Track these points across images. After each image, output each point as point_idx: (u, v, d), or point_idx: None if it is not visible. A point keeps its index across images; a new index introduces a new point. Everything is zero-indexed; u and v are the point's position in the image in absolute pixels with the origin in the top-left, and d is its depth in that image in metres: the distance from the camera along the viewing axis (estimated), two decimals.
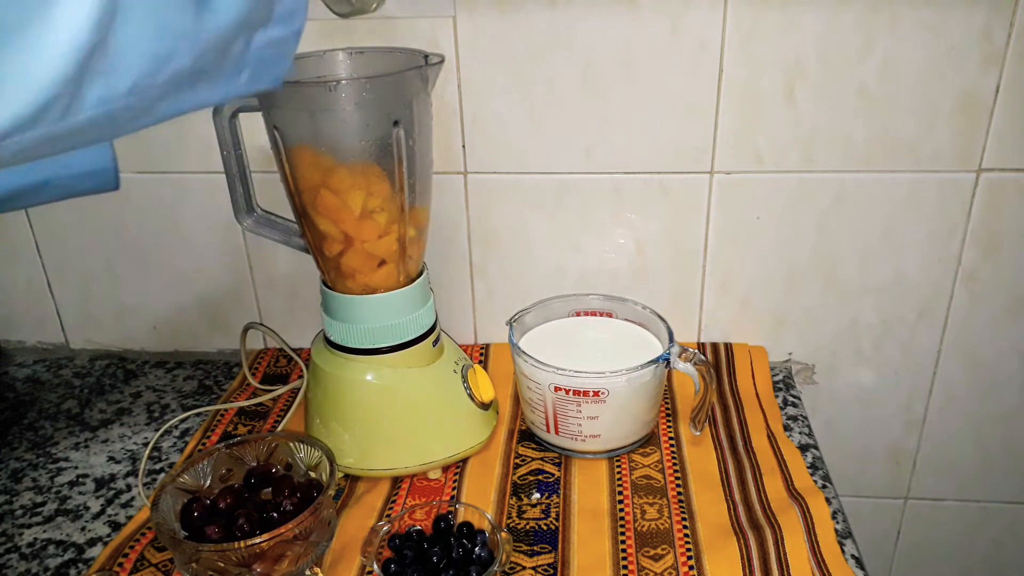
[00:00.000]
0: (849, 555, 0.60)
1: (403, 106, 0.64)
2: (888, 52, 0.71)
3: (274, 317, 0.89)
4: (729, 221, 0.79)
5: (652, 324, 0.74)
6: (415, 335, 0.70)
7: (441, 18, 0.72)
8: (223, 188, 0.74)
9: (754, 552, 0.60)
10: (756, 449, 0.71)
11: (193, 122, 0.78)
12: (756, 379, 0.81)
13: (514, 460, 0.71)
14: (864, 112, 0.73)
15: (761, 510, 0.64)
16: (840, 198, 0.77)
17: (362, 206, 0.65)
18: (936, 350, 0.84)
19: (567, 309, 0.78)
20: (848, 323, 0.83)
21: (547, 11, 0.71)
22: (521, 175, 0.79)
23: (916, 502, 0.93)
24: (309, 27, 0.74)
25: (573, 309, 0.78)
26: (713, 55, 0.72)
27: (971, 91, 0.72)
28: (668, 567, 0.59)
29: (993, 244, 0.78)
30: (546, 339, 0.75)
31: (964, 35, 0.69)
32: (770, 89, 0.73)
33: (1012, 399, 0.86)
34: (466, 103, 0.76)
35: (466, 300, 0.86)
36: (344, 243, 0.67)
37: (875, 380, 0.86)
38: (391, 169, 0.65)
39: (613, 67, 0.73)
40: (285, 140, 0.65)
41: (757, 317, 0.84)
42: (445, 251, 0.83)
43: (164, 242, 0.85)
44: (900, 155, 0.75)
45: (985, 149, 0.74)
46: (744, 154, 0.76)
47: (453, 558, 0.58)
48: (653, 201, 0.79)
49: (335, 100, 0.62)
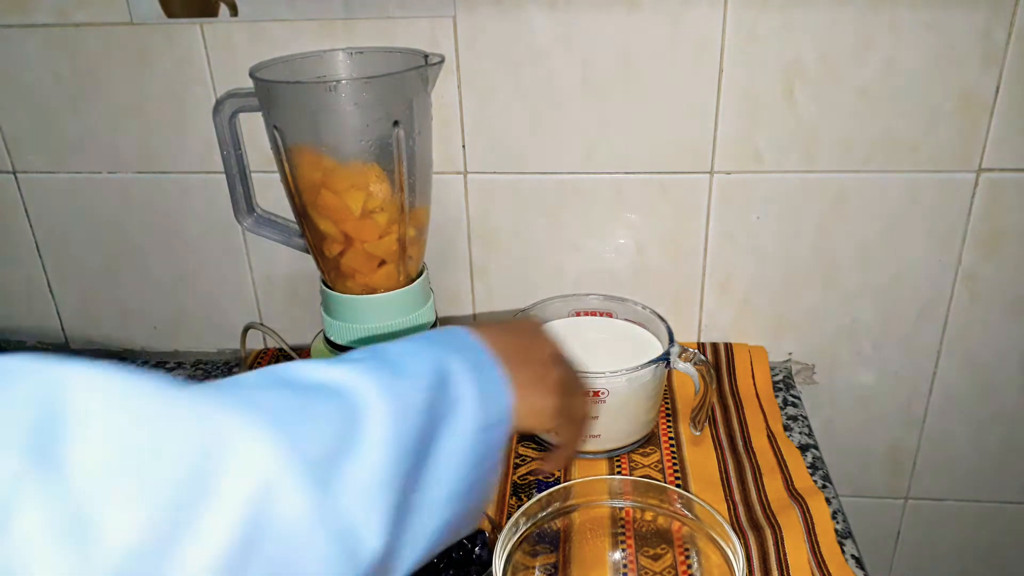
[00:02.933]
0: (849, 555, 0.60)
1: (403, 106, 0.64)
2: (888, 52, 0.71)
3: (274, 317, 0.89)
4: (729, 221, 0.79)
5: (652, 324, 0.74)
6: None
7: (441, 18, 0.72)
8: (223, 188, 0.74)
9: (754, 552, 0.60)
10: (756, 449, 0.71)
11: (193, 122, 0.78)
12: (756, 379, 0.81)
13: (514, 460, 0.71)
14: (864, 112, 0.73)
15: (761, 510, 0.64)
16: (840, 198, 0.77)
17: (362, 206, 0.65)
18: (936, 350, 0.84)
19: (567, 309, 0.78)
20: (848, 323, 0.83)
21: (547, 11, 0.71)
22: (521, 175, 0.79)
23: (916, 502, 0.93)
24: (309, 27, 0.75)
25: (573, 309, 0.78)
26: (713, 55, 0.72)
27: (971, 91, 0.71)
28: (667, 566, 0.59)
29: (993, 244, 0.78)
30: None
31: (964, 35, 0.69)
32: (770, 89, 0.73)
33: (1012, 399, 0.86)
34: (466, 103, 0.76)
35: (466, 300, 0.86)
36: (344, 243, 0.67)
37: (875, 380, 0.86)
38: (391, 169, 0.65)
39: (613, 67, 0.73)
40: (285, 140, 0.65)
41: (757, 317, 0.84)
42: (445, 251, 0.83)
43: (164, 242, 0.85)
44: (900, 155, 0.75)
45: (985, 149, 0.74)
46: (744, 154, 0.76)
47: (453, 558, 0.58)
48: (653, 201, 0.79)
49: (335, 100, 0.62)
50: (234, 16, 0.73)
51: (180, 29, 0.74)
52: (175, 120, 0.79)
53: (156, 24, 0.74)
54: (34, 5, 0.74)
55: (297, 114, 0.64)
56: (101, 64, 0.76)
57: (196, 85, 0.77)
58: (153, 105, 0.78)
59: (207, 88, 0.77)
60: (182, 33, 0.74)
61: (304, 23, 0.73)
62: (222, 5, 0.72)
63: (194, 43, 0.75)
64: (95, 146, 0.81)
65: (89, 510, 0.25)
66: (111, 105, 0.78)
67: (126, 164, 0.81)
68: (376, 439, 0.34)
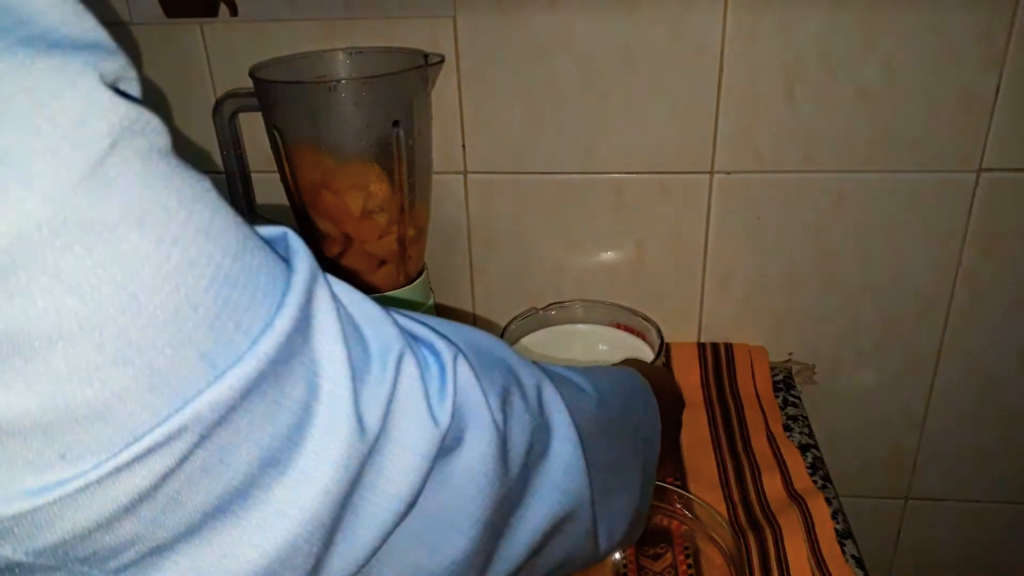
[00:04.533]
0: (849, 555, 0.60)
1: (403, 106, 0.64)
2: (888, 52, 0.71)
3: None
4: (729, 221, 0.79)
5: (641, 327, 0.74)
6: None
7: (441, 18, 0.72)
8: (223, 188, 0.74)
9: (754, 552, 0.60)
10: (756, 449, 0.71)
11: (193, 122, 0.78)
12: (756, 379, 0.81)
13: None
14: (864, 112, 0.73)
15: (761, 510, 0.64)
16: (840, 198, 0.77)
17: (362, 206, 0.65)
18: (936, 350, 0.84)
19: (557, 319, 0.78)
20: (848, 323, 0.83)
21: (547, 11, 0.71)
22: (521, 175, 0.79)
23: (916, 502, 0.93)
24: (309, 27, 0.75)
25: (561, 318, 0.78)
26: (713, 55, 0.72)
27: (971, 91, 0.71)
28: (667, 566, 0.59)
29: (993, 244, 0.78)
30: (538, 350, 0.75)
31: (964, 35, 0.69)
32: (770, 89, 0.73)
33: (1012, 399, 0.86)
34: (466, 103, 0.76)
35: (466, 300, 0.86)
36: (344, 243, 0.67)
37: (875, 380, 0.86)
38: (391, 169, 0.65)
39: (613, 67, 0.73)
40: (285, 140, 0.65)
41: (757, 317, 0.84)
42: (445, 251, 0.83)
43: None
44: (900, 155, 0.75)
45: (985, 149, 0.74)
46: (744, 154, 0.76)
47: None
48: (653, 201, 0.79)
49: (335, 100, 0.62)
50: (234, 16, 0.73)
51: (180, 29, 0.74)
52: (175, 120, 0.79)
53: (156, 24, 0.74)
54: None
55: (297, 114, 0.64)
56: None
57: (196, 85, 0.77)
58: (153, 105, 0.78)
59: (207, 88, 0.77)
60: (182, 33, 0.74)
61: (304, 23, 0.73)
62: (222, 5, 0.72)
63: (194, 43, 0.75)
64: None
65: None
66: None
67: None
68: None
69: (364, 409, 0.26)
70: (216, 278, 0.22)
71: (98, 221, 0.20)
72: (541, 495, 0.36)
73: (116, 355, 0.20)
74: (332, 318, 0.26)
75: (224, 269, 0.23)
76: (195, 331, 0.22)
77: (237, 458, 0.23)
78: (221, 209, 0.24)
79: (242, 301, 0.23)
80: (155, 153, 0.22)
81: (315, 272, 0.26)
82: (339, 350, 0.26)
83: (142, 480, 0.21)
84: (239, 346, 0.23)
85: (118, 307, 0.20)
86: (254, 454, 0.23)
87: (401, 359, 0.28)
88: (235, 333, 0.23)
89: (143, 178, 0.21)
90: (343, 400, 0.25)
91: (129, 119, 0.21)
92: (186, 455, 0.22)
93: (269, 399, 0.24)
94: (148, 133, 0.22)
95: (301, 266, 0.26)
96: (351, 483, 0.26)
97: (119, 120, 0.21)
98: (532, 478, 0.36)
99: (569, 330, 0.78)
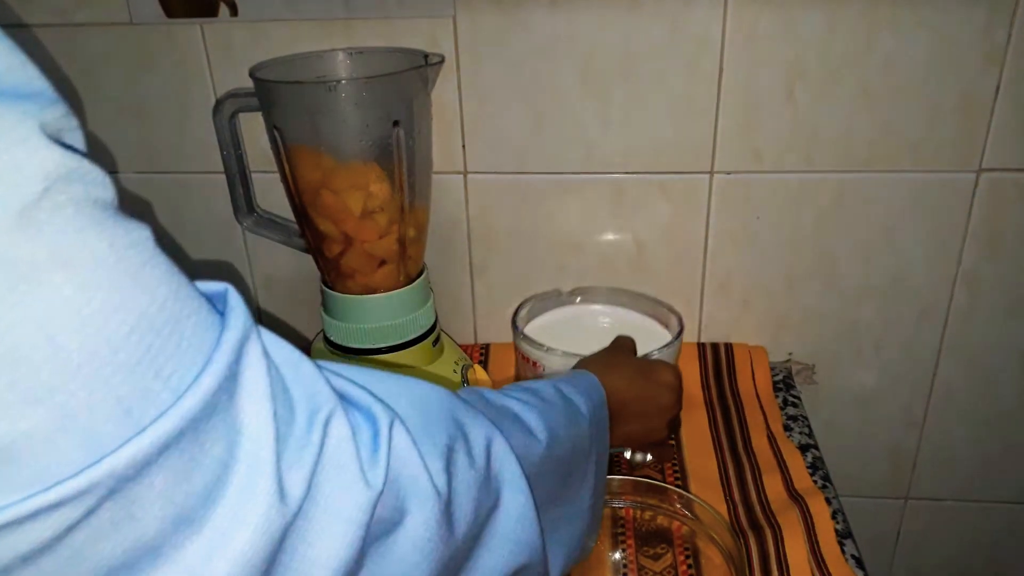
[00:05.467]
0: (849, 555, 0.60)
1: (403, 106, 0.64)
2: (888, 52, 0.70)
3: (274, 317, 0.89)
4: (729, 221, 0.79)
5: (662, 315, 0.75)
6: (415, 335, 0.70)
7: (441, 18, 0.72)
8: (223, 188, 0.74)
9: (754, 552, 0.60)
10: (756, 449, 0.71)
11: (193, 122, 0.78)
12: (756, 379, 0.81)
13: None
14: (864, 112, 0.73)
15: (761, 510, 0.64)
16: (840, 198, 0.77)
17: (362, 206, 0.65)
18: (936, 350, 0.84)
19: (572, 299, 0.79)
20: (848, 323, 0.83)
21: (547, 11, 0.71)
22: (521, 175, 0.79)
23: (916, 502, 0.93)
24: (309, 27, 0.75)
25: (578, 299, 0.79)
26: (713, 55, 0.72)
27: (971, 91, 0.71)
28: (667, 566, 0.59)
29: (993, 244, 0.78)
30: (550, 329, 0.75)
31: (964, 35, 0.69)
32: (770, 89, 0.73)
33: (1012, 399, 0.86)
34: (466, 103, 0.76)
35: (466, 300, 0.86)
36: (344, 243, 0.67)
37: (875, 380, 0.86)
38: (391, 169, 0.65)
39: (613, 67, 0.73)
40: (285, 140, 0.65)
41: (757, 317, 0.84)
42: (445, 251, 0.82)
43: (164, 242, 0.85)
44: (900, 155, 0.75)
45: (985, 149, 0.74)
46: (744, 154, 0.76)
47: None
48: (653, 201, 0.79)
49: (335, 100, 0.62)
50: (234, 16, 0.73)
51: (180, 29, 0.74)
52: (175, 120, 0.79)
53: (156, 24, 0.74)
54: (34, 5, 0.74)
55: (297, 114, 0.64)
56: (101, 64, 0.76)
57: (196, 85, 0.77)
58: (153, 105, 0.78)
59: (207, 88, 0.77)
60: (182, 33, 0.74)
61: (304, 23, 0.73)
62: (222, 5, 0.72)
63: (194, 43, 0.75)
64: (95, 146, 0.81)
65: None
66: (111, 105, 0.78)
67: (126, 164, 0.81)
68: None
69: (287, 472, 0.26)
70: (139, 325, 0.22)
71: (23, 260, 0.20)
72: (492, 547, 0.36)
73: (27, 394, 0.20)
74: (261, 377, 0.26)
75: (149, 317, 0.23)
76: (113, 376, 0.22)
77: (149, 514, 0.23)
78: (155, 258, 0.24)
79: (165, 350, 0.23)
80: (90, 202, 0.22)
81: (248, 330, 0.26)
82: (265, 411, 0.25)
83: (45, 530, 0.21)
84: (159, 397, 0.23)
85: (32, 345, 0.20)
86: (167, 511, 0.23)
87: (329, 421, 0.28)
88: (154, 382, 0.23)
89: (75, 223, 0.21)
90: (265, 461, 0.25)
91: (66, 167, 0.21)
92: (94, 508, 0.21)
93: (187, 456, 0.23)
94: (87, 183, 0.22)
95: (235, 323, 0.25)
96: (272, 549, 0.25)
97: (55, 167, 0.21)
98: (483, 533, 0.36)
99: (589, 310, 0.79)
